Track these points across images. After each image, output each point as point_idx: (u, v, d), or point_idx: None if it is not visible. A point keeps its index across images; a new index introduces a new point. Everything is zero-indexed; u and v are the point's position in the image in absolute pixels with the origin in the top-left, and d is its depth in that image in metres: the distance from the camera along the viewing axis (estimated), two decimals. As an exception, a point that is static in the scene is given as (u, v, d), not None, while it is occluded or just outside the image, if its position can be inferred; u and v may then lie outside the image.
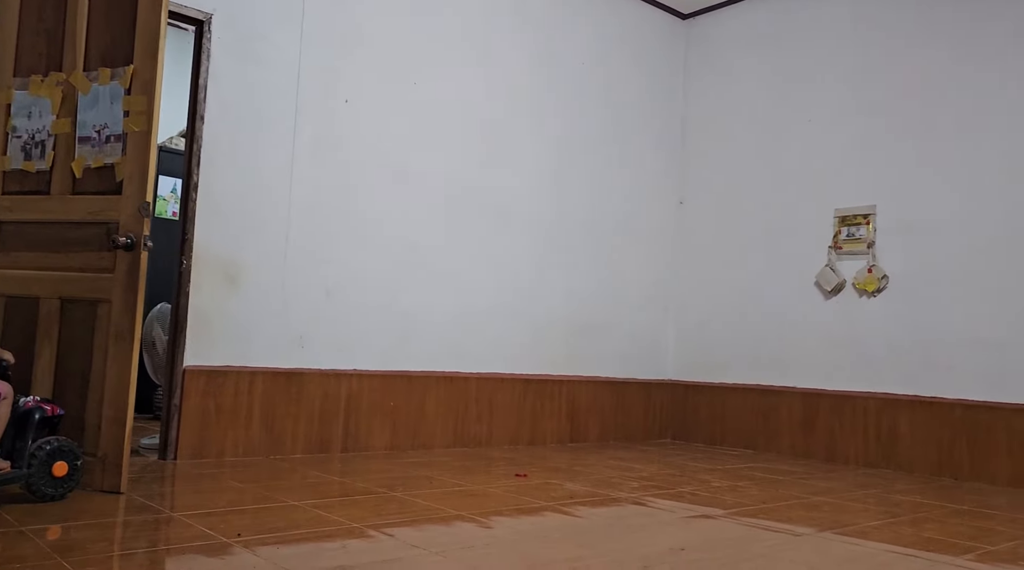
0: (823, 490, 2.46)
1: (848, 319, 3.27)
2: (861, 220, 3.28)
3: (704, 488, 2.38)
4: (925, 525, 1.96)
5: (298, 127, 2.73)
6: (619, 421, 3.64)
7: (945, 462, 2.91)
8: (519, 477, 2.41)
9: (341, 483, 2.15)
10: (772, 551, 1.60)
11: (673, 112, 4.01)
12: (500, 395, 3.20)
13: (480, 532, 1.64)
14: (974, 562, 1.59)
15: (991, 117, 2.96)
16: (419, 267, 3.01)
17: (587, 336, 3.57)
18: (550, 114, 3.48)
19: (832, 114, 3.43)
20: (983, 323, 2.89)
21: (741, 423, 3.55)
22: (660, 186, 3.93)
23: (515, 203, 3.32)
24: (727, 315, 3.71)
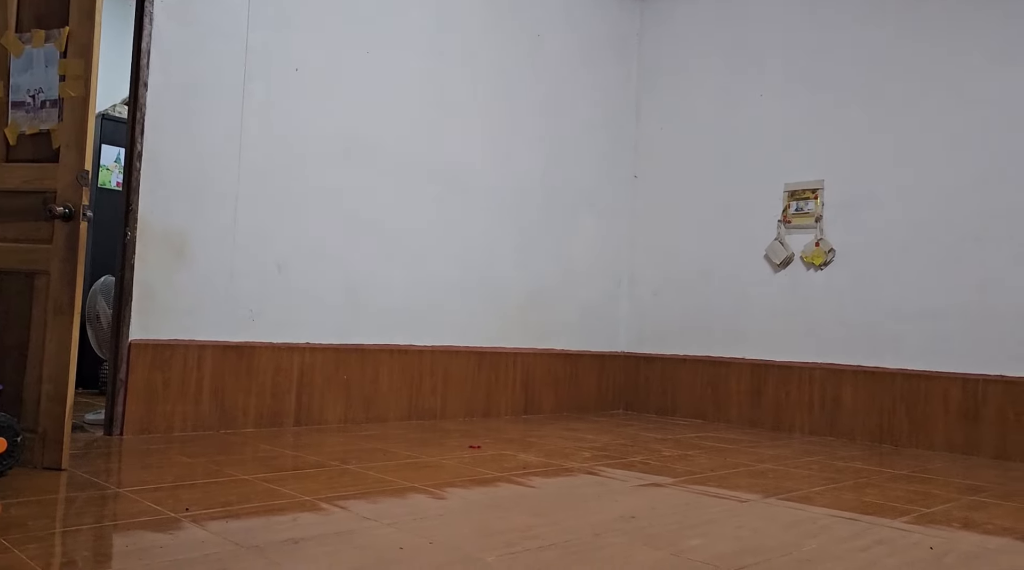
0: (769, 458, 2.52)
1: (796, 292, 3.34)
2: (809, 195, 3.34)
3: (655, 457, 2.42)
4: (865, 490, 2.03)
5: (247, 96, 2.65)
6: (573, 393, 3.67)
7: (886, 429, 3.01)
8: (473, 449, 2.42)
9: (293, 457, 2.14)
10: (719, 517, 1.64)
11: (628, 86, 4.01)
12: (454, 367, 3.20)
13: (433, 503, 1.64)
14: (910, 524, 1.65)
15: (935, 93, 3.03)
16: (372, 240, 2.98)
17: (541, 309, 3.58)
18: (504, 86, 3.45)
19: (783, 90, 3.48)
20: (924, 295, 2.98)
21: (692, 394, 3.62)
22: (615, 160, 3.94)
23: (469, 176, 3.30)
24: (679, 288, 3.77)
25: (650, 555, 1.32)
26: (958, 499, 1.95)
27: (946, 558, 1.39)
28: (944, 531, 1.60)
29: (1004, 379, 2.75)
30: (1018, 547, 1.49)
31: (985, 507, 1.87)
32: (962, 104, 2.95)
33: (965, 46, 2.96)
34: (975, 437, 2.79)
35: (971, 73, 2.94)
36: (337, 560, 1.21)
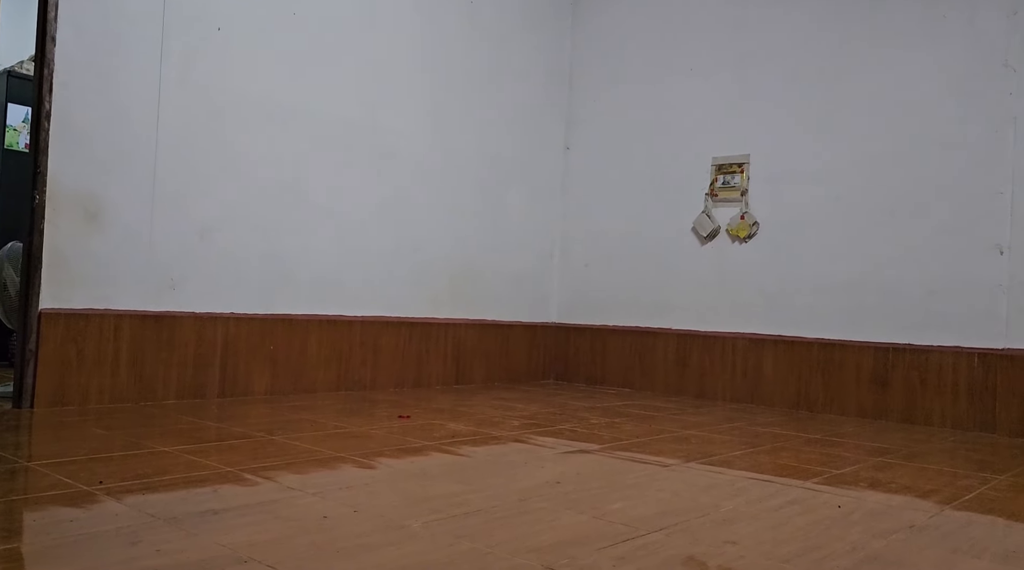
0: (693, 424, 2.60)
1: (721, 264, 3.43)
2: (736, 169, 3.41)
3: (582, 425, 2.46)
4: (781, 453, 2.11)
5: (165, 55, 2.54)
6: (504, 363, 3.70)
7: (803, 396, 3.13)
8: (402, 419, 2.42)
9: (217, 428, 2.09)
10: (642, 481, 1.68)
11: (560, 58, 4.01)
12: (385, 338, 3.18)
13: (360, 472, 1.64)
14: (820, 484, 1.73)
15: (855, 72, 3.12)
16: (299, 207, 2.91)
17: (473, 279, 3.58)
18: (435, 53, 3.40)
19: (712, 65, 3.53)
20: (841, 267, 3.10)
21: (620, 363, 3.69)
22: (547, 131, 3.94)
23: (399, 143, 3.25)
24: (609, 260, 3.82)
25: (573, 518, 1.35)
26: (866, 461, 2.05)
27: (852, 515, 1.46)
28: (852, 491, 1.68)
29: (911, 347, 2.89)
30: (917, 504, 1.58)
31: (890, 468, 1.97)
32: (880, 83, 3.06)
33: (883, 28, 3.06)
34: (884, 402, 2.93)
35: (888, 53, 3.04)
36: (258, 530, 1.19)
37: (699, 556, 1.17)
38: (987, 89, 2.82)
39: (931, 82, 2.94)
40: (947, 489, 1.74)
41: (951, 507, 1.57)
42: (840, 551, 1.23)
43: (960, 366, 2.78)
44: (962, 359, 2.78)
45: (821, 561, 1.17)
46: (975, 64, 2.85)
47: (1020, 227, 2.72)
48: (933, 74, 2.93)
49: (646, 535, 1.27)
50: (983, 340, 2.76)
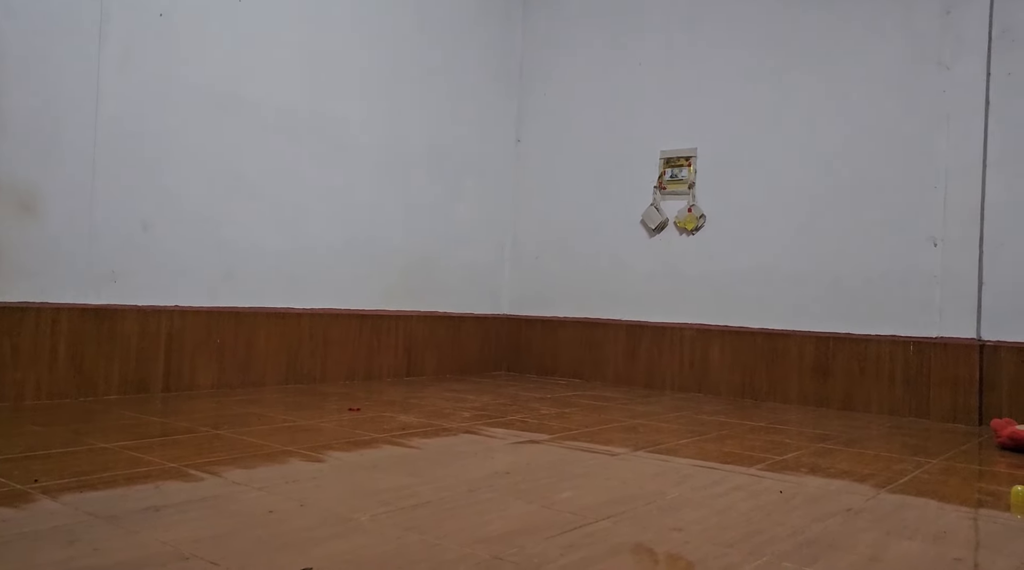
0: (641, 414, 2.64)
1: (669, 255, 3.48)
2: (684, 162, 3.46)
3: (533, 416, 2.48)
4: (726, 441, 2.16)
5: (104, 40, 2.46)
6: (455, 355, 3.70)
7: (748, 385, 3.20)
8: (352, 411, 2.40)
9: (161, 423, 2.05)
10: (590, 470, 1.70)
11: (511, 50, 4.01)
12: (335, 330, 3.15)
13: (308, 466, 1.62)
14: (763, 470, 1.77)
15: (800, 66, 3.19)
16: (247, 198, 2.86)
17: (425, 272, 3.57)
18: (385, 43, 3.37)
19: (660, 60, 3.57)
20: (784, 259, 3.18)
21: (571, 354, 3.72)
22: (498, 123, 3.94)
23: (349, 133, 3.22)
24: (560, 252, 3.84)
25: (522, 508, 1.36)
26: (807, 447, 2.11)
27: (793, 500, 1.51)
28: (793, 476, 1.73)
29: (851, 336, 2.98)
30: (854, 488, 1.64)
31: (830, 453, 2.03)
32: (822, 79, 3.13)
33: (826, 24, 3.13)
34: (825, 390, 3.02)
35: (830, 50, 3.11)
36: (200, 526, 1.17)
37: (646, 542, 1.19)
38: (922, 87, 2.91)
39: (870, 79, 3.02)
40: (883, 473, 1.81)
41: (886, 490, 1.63)
42: (781, 535, 1.26)
43: (897, 355, 2.88)
44: (899, 348, 2.88)
45: (762, 545, 1.20)
46: (911, 62, 2.94)
47: (953, 220, 2.82)
48: (872, 71, 3.02)
49: (594, 523, 1.28)
50: (918, 329, 2.86)
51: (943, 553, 1.20)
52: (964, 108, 2.82)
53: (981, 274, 2.78)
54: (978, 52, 2.80)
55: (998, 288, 2.75)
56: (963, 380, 2.74)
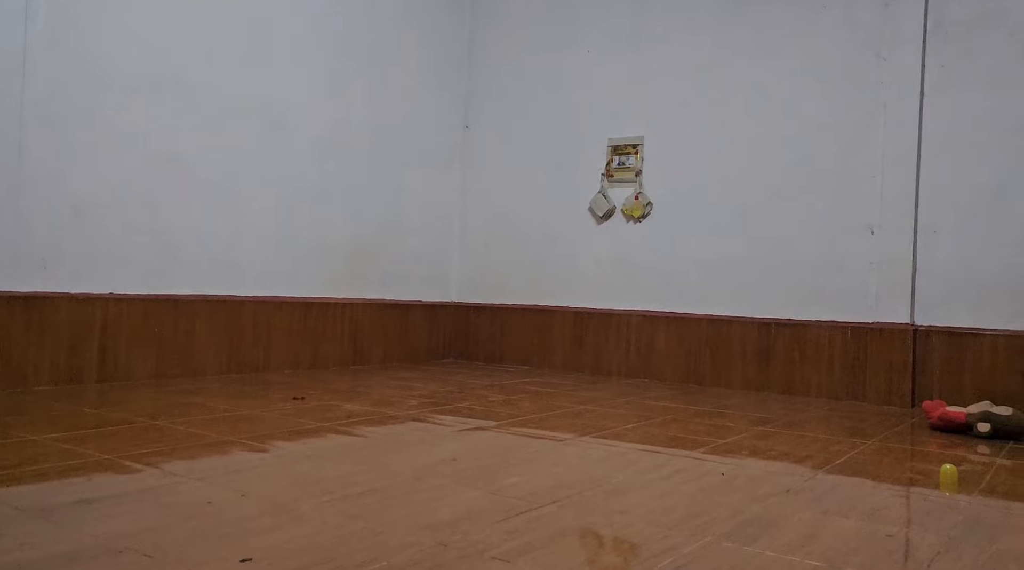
0: (588, 400, 2.66)
1: (616, 243, 3.51)
2: (631, 150, 3.49)
3: (480, 403, 2.48)
4: (671, 425, 2.19)
5: (30, 17, 2.35)
6: (403, 343, 3.67)
7: (692, 370, 3.26)
8: (297, 400, 2.36)
9: (95, 414, 1.98)
10: (536, 456, 1.70)
11: (459, 35, 3.97)
12: (279, 318, 3.09)
13: (250, 456, 1.59)
14: (705, 454, 1.80)
15: (743, 56, 3.24)
16: (185, 183, 2.78)
17: (371, 258, 3.52)
18: (329, 24, 3.30)
19: (609, 46, 3.58)
20: (728, 246, 3.23)
21: (519, 341, 3.73)
22: (447, 108, 3.91)
23: (293, 117, 3.15)
24: (509, 239, 3.84)
25: (468, 494, 1.35)
26: (748, 430, 2.16)
27: (735, 482, 1.53)
28: (735, 459, 1.76)
29: (792, 322, 3.05)
30: (793, 469, 1.68)
31: (770, 436, 2.08)
32: (765, 68, 3.18)
33: (770, 14, 3.18)
34: (766, 375, 3.09)
35: (773, 39, 3.17)
36: (135, 518, 1.14)
37: (590, 526, 1.20)
38: (861, 77, 2.98)
39: (811, 69, 3.08)
40: (821, 455, 1.85)
41: (824, 471, 1.67)
42: (722, 516, 1.28)
43: (835, 340, 2.95)
44: (837, 333, 2.96)
45: (704, 526, 1.22)
46: (851, 53, 3.01)
47: (889, 208, 2.91)
48: (813, 61, 3.08)
49: (539, 508, 1.29)
50: (855, 315, 2.95)
51: (876, 530, 1.24)
52: (900, 99, 2.90)
53: (915, 261, 2.87)
54: (914, 44, 2.88)
55: (930, 274, 2.85)
56: (897, 364, 2.83)
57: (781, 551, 1.11)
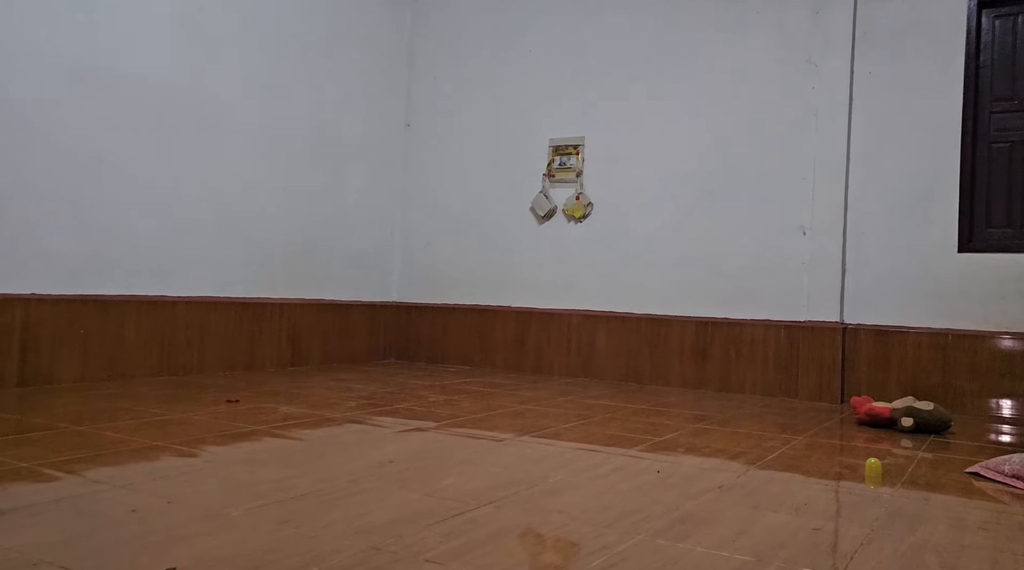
0: (528, 399, 2.66)
1: (558, 243, 3.52)
2: (572, 150, 3.51)
3: (420, 403, 2.46)
4: (609, 424, 2.21)
5: (-55, 1, 2.24)
6: (343, 343, 3.61)
7: (632, 369, 3.30)
8: (230, 403, 2.30)
9: (14, 420, 1.89)
10: (474, 457, 1.70)
11: (401, 34, 3.94)
12: (213, 320, 3.01)
13: (179, 461, 1.54)
14: (643, 451, 1.83)
15: (680, 60, 3.29)
16: (112, 180, 2.68)
17: (310, 258, 3.46)
18: (266, 18, 3.23)
19: (550, 48, 3.60)
20: (667, 246, 3.28)
21: (461, 341, 3.71)
22: (387, 107, 3.87)
23: (226, 112, 3.07)
24: (451, 238, 3.82)
25: (404, 497, 1.34)
26: (685, 428, 2.19)
27: (670, 479, 1.56)
28: (671, 456, 1.79)
29: (728, 321, 3.11)
30: (727, 465, 1.71)
31: (706, 433, 2.12)
32: (704, 72, 3.24)
33: (705, 19, 3.24)
34: (703, 373, 3.15)
35: (709, 45, 3.23)
36: (53, 528, 1.09)
37: (526, 526, 1.20)
38: (794, 82, 3.06)
39: (747, 74, 3.15)
40: (754, 451, 1.90)
41: (756, 467, 1.71)
42: (657, 513, 1.30)
43: (769, 338, 3.03)
44: (771, 331, 3.03)
45: (639, 523, 1.24)
46: (784, 59, 3.09)
47: (820, 210, 2.99)
48: (749, 66, 3.15)
49: (476, 509, 1.28)
50: (788, 313, 3.03)
51: (804, 523, 1.27)
52: (831, 104, 2.99)
53: (844, 261, 2.96)
54: (843, 52, 2.98)
55: (859, 274, 2.94)
56: (827, 361, 2.92)
57: (712, 547, 1.13)
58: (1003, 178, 2.77)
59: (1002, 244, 2.75)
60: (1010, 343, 2.66)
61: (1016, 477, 1.63)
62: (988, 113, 2.80)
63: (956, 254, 2.78)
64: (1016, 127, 2.76)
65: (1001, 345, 2.68)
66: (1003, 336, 2.68)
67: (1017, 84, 2.76)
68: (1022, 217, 2.73)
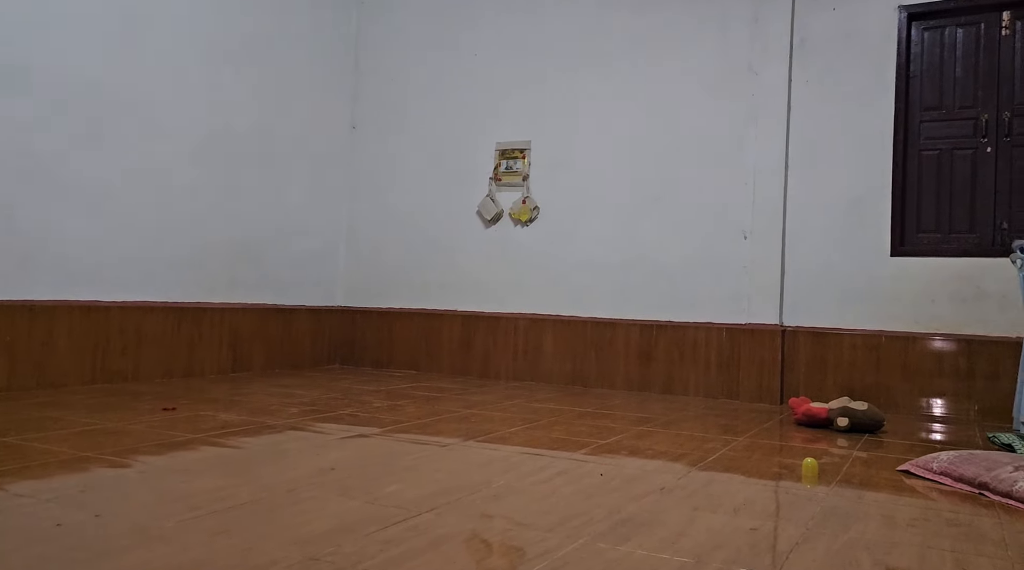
0: (475, 403, 2.66)
1: (504, 246, 3.53)
2: (518, 154, 3.52)
3: (364, 409, 2.43)
4: (554, 428, 2.21)
5: None
6: (286, 349, 3.55)
7: (578, 372, 3.31)
8: (167, 411, 2.24)
9: (-68, 433, 1.80)
10: (418, 463, 1.68)
11: (347, 36, 3.89)
12: (149, 325, 2.92)
13: (110, 472, 1.49)
14: (587, 455, 1.83)
15: (625, 68, 3.33)
16: (42, 179, 2.58)
17: (252, 262, 3.39)
18: (207, 19, 3.16)
19: (496, 52, 3.60)
20: (611, 250, 3.31)
21: (407, 345, 3.68)
22: (333, 109, 3.82)
23: (163, 113, 2.99)
24: (397, 242, 3.79)
25: (345, 505, 1.32)
26: (629, 430, 2.21)
27: (612, 482, 1.57)
28: (614, 459, 1.80)
29: (672, 324, 3.16)
30: (669, 467, 1.73)
31: (650, 435, 2.14)
32: (650, 78, 3.28)
33: (650, 26, 3.29)
34: (648, 375, 3.18)
35: (657, 53, 3.27)
36: (-29, 547, 1.04)
37: (468, 532, 1.19)
38: (736, 90, 3.12)
39: (691, 81, 3.20)
40: (695, 452, 1.92)
41: (697, 468, 1.73)
42: (598, 517, 1.31)
43: (711, 340, 3.08)
44: (713, 334, 3.08)
45: (581, 527, 1.24)
46: (726, 66, 3.15)
47: (760, 215, 3.06)
48: (693, 73, 3.20)
49: (417, 516, 1.27)
50: (730, 316, 3.08)
51: (742, 524, 1.30)
52: (770, 111, 3.06)
53: (783, 265, 3.03)
54: (782, 60, 3.05)
55: (797, 277, 3.01)
56: (767, 363, 2.98)
57: (652, 549, 1.14)
58: (932, 185, 2.87)
59: (931, 248, 2.85)
60: (940, 344, 2.76)
61: (944, 474, 1.68)
62: (918, 122, 2.90)
63: (889, 258, 2.87)
64: (944, 135, 2.86)
65: (931, 346, 2.77)
66: (933, 337, 2.78)
67: (944, 94, 2.87)
68: (950, 222, 2.84)
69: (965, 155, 2.83)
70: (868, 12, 2.95)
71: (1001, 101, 2.79)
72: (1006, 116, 2.77)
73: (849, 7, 2.98)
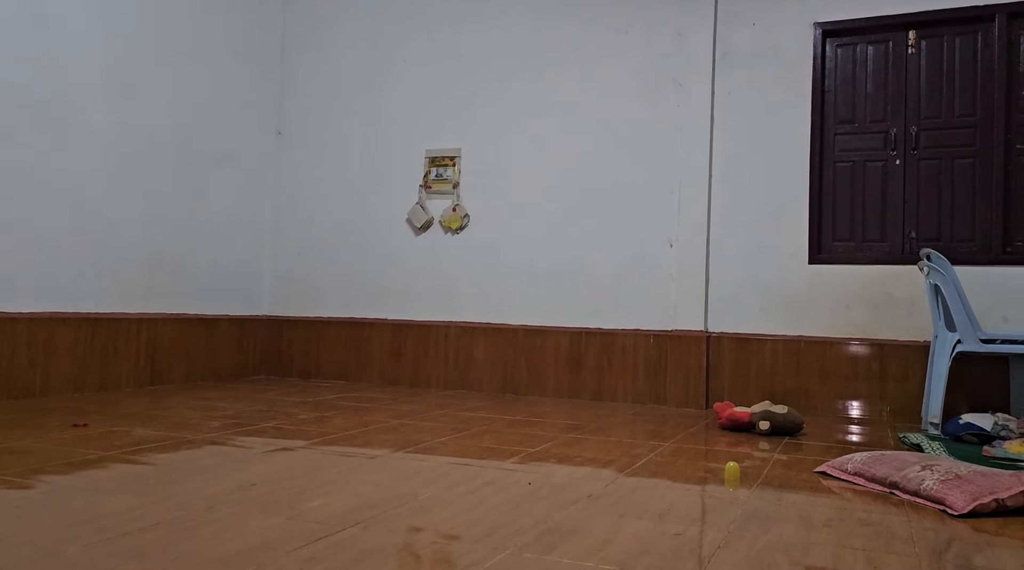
0: (404, 413, 2.62)
1: (435, 254, 3.50)
2: (448, 162, 3.50)
3: (290, 422, 2.37)
4: (484, 436, 2.20)
5: None
6: (208, 360, 3.44)
7: (509, 380, 3.31)
8: (78, 427, 2.13)
9: None
10: (343, 475, 1.65)
11: (271, 39, 3.81)
12: (59, 337, 2.79)
13: (11, 494, 1.40)
14: (516, 464, 1.83)
15: (555, 75, 3.36)
16: (-59, 183, 2.44)
17: (172, 270, 3.28)
18: (126, 17, 3.04)
19: (426, 58, 3.58)
20: (540, 258, 3.32)
21: (335, 355, 3.62)
22: (258, 114, 3.73)
23: (77, 114, 2.86)
24: (325, 250, 3.72)
25: (265, 521, 1.28)
26: (558, 438, 2.22)
27: (540, 491, 1.56)
28: (543, 467, 1.80)
29: (601, 331, 3.19)
30: (597, 474, 1.74)
31: (578, 443, 2.15)
32: (578, 88, 3.32)
33: (585, 35, 3.33)
34: (578, 382, 3.21)
35: (585, 62, 3.31)
36: None
37: (392, 547, 1.17)
38: (662, 100, 3.19)
39: (617, 91, 3.25)
40: (623, 459, 1.94)
41: (624, 475, 1.75)
42: (525, 526, 1.30)
43: (639, 347, 3.13)
44: (641, 340, 3.13)
45: (508, 537, 1.23)
46: (652, 78, 3.21)
47: (686, 223, 3.12)
48: (619, 84, 3.25)
49: (341, 531, 1.24)
50: (657, 323, 3.14)
51: (666, 529, 1.31)
52: (694, 122, 3.13)
53: (708, 272, 3.10)
54: (704, 73, 3.13)
55: (721, 285, 3.09)
56: (693, 368, 3.05)
57: (578, 558, 1.14)
58: (846, 195, 2.99)
59: (847, 256, 2.96)
60: (855, 348, 2.87)
61: (858, 474, 1.74)
62: (833, 134, 3.02)
63: (807, 265, 2.97)
64: (856, 148, 2.98)
65: (847, 350, 2.88)
66: (849, 342, 2.88)
67: (857, 108, 3.00)
68: (863, 231, 2.96)
69: (876, 167, 2.95)
70: (786, 28, 3.05)
71: (908, 115, 2.93)
72: (913, 130, 2.91)
73: (768, 23, 3.08)
